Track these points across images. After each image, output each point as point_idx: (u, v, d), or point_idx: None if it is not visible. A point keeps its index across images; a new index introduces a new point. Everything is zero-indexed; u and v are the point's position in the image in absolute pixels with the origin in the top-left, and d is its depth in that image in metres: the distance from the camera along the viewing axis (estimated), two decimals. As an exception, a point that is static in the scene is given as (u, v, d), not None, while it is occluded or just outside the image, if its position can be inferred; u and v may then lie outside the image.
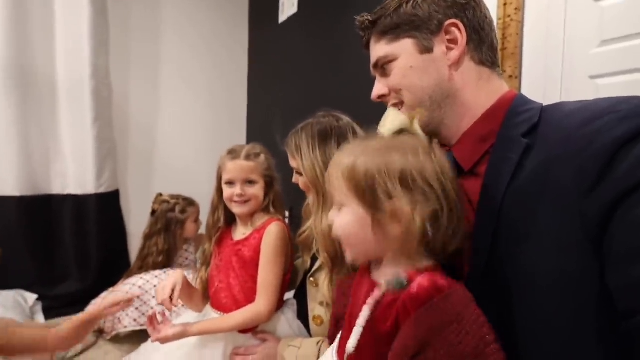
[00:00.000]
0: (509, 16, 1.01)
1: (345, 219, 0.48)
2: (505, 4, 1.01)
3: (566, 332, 0.40)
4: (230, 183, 0.94)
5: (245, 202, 0.93)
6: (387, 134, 0.49)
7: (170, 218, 1.53)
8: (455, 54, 0.53)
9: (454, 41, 0.53)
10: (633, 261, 0.36)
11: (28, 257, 1.66)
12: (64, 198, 1.75)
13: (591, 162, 0.39)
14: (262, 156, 0.97)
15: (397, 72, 0.56)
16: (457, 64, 0.54)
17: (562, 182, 0.41)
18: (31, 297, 1.59)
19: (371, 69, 0.61)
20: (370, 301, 0.46)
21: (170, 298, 0.86)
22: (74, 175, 1.75)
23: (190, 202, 1.60)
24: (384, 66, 0.58)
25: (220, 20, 2.16)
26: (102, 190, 1.77)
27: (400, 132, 0.49)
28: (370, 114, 1.23)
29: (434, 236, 0.44)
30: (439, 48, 0.54)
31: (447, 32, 0.54)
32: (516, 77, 1.01)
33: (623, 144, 0.38)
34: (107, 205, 1.80)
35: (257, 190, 0.95)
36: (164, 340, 0.80)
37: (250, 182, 0.94)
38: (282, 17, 1.89)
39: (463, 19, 0.53)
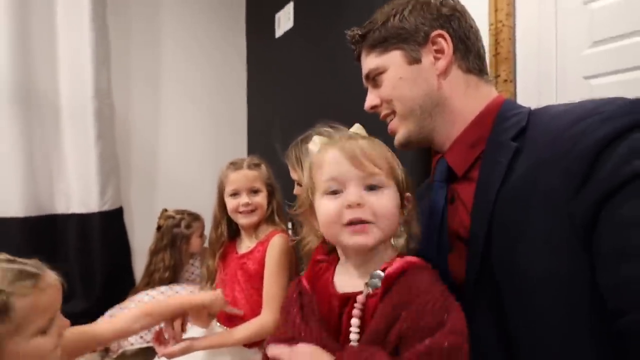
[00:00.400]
0: (501, 21, 1.02)
1: (389, 198, 0.48)
2: (496, 10, 1.03)
3: (560, 332, 0.41)
4: (235, 194, 0.95)
5: (252, 211, 0.94)
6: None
7: (176, 233, 1.53)
8: (442, 63, 0.55)
9: (440, 51, 0.55)
10: (621, 261, 0.36)
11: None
12: (68, 217, 1.75)
13: (576, 163, 0.40)
14: (263, 166, 0.99)
15: (387, 84, 0.58)
16: (444, 73, 0.55)
17: (550, 184, 0.42)
18: (37, 318, 1.59)
19: (363, 80, 0.63)
20: (356, 311, 0.45)
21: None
22: (78, 194, 1.76)
23: (195, 217, 1.60)
24: (375, 78, 0.60)
25: (219, 36, 2.21)
26: (105, 208, 1.78)
27: None
28: (367, 124, 1.24)
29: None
30: (427, 58, 0.56)
31: (434, 43, 0.55)
32: (511, 80, 1.02)
33: (606, 145, 0.39)
34: (111, 222, 1.80)
35: (262, 199, 0.96)
36: (171, 356, 0.80)
37: (255, 191, 0.95)
38: (279, 31, 1.92)
39: (449, 30, 0.55)
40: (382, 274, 0.45)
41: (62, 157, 1.74)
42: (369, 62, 0.60)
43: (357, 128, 0.56)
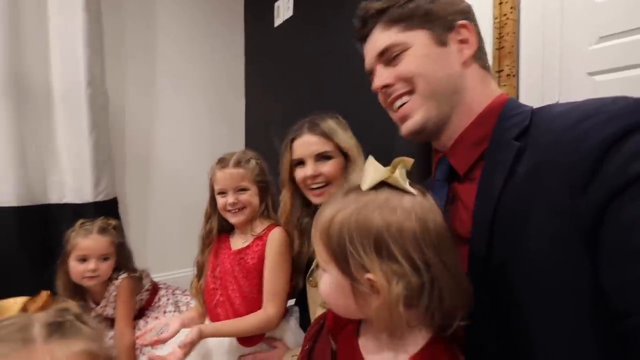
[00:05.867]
0: (505, 15, 1.00)
1: (327, 284, 0.44)
2: (500, 3, 1.01)
3: (563, 332, 0.40)
4: (222, 192, 0.93)
5: (240, 209, 0.92)
6: (366, 189, 0.45)
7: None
8: (468, 52, 0.54)
9: (465, 41, 0.55)
10: (626, 261, 0.35)
11: (26, 267, 1.65)
12: (62, 207, 1.73)
13: (581, 163, 0.39)
14: (253, 161, 0.96)
15: (411, 60, 0.55)
16: (467, 63, 0.55)
17: (554, 183, 0.41)
18: (30, 308, 1.58)
19: (371, 58, 0.59)
20: None
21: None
22: (72, 184, 1.73)
23: None
24: (393, 55, 0.56)
25: (216, 25, 2.16)
26: (100, 198, 1.76)
27: (381, 185, 0.45)
28: (367, 115, 1.22)
29: (426, 309, 0.41)
30: (453, 45, 0.55)
31: (458, 33, 0.55)
32: (514, 75, 1.01)
33: (611, 145, 0.38)
34: (106, 213, 1.76)
35: (250, 196, 0.94)
36: (184, 347, 0.76)
37: (242, 190, 0.93)
38: (278, 20, 1.89)
39: (471, 23, 0.56)
40: None
41: (56, 146, 1.71)
42: (387, 37, 0.56)
43: (372, 168, 0.46)
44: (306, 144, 0.85)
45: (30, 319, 0.42)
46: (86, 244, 1.11)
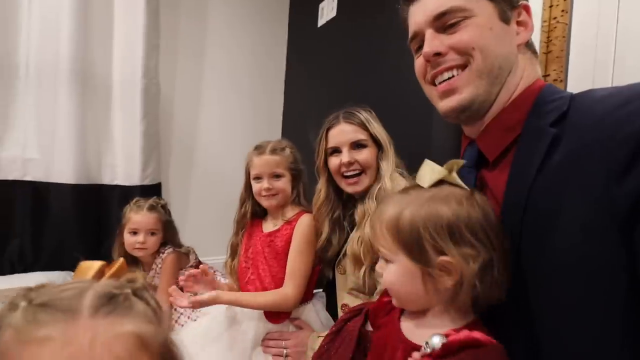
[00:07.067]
0: (555, 18, 0.98)
1: (394, 273, 0.48)
2: (551, 6, 0.98)
3: (591, 327, 0.39)
4: (258, 178, 0.98)
5: (273, 195, 0.97)
6: (427, 186, 0.49)
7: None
8: (525, 36, 0.53)
9: (523, 24, 0.53)
10: None
11: (79, 240, 1.80)
12: (113, 188, 1.88)
13: (620, 148, 0.38)
14: (288, 150, 1.00)
15: (475, 30, 0.51)
16: (521, 46, 0.53)
17: (590, 169, 0.40)
18: (80, 277, 1.73)
19: (423, 20, 0.54)
20: None
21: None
22: (122, 167, 1.88)
23: None
24: (452, 20, 0.52)
25: (262, 24, 2.26)
26: (146, 182, 1.89)
27: (440, 182, 0.49)
28: (404, 119, 1.22)
29: (484, 288, 0.45)
30: (514, 24, 0.53)
31: (519, 13, 0.53)
32: (561, 80, 0.98)
33: None
34: (151, 196, 1.91)
35: (284, 183, 0.98)
36: (199, 304, 0.83)
37: (277, 176, 0.97)
38: (321, 21, 1.93)
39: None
40: (443, 339, 0.43)
41: (111, 132, 1.87)
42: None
43: (429, 167, 0.51)
44: (342, 132, 0.88)
45: (88, 286, 0.36)
46: (137, 219, 1.24)
